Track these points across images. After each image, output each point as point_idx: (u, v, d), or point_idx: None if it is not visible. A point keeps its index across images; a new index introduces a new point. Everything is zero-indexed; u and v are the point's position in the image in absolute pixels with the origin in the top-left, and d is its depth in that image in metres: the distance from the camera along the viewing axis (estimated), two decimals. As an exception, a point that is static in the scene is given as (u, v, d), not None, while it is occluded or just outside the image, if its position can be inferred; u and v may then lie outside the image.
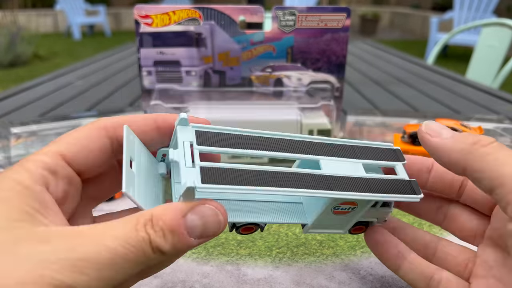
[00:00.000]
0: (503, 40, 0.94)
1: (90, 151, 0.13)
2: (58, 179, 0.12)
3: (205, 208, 0.12)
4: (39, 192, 0.11)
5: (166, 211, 0.11)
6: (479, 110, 0.47)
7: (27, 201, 0.11)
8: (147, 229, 0.10)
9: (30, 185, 0.11)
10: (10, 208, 0.10)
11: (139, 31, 0.28)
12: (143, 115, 0.14)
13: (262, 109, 0.29)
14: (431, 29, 2.65)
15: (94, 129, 0.13)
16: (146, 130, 0.14)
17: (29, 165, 0.11)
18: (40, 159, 0.12)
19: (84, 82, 0.59)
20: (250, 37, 0.28)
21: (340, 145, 0.15)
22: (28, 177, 0.11)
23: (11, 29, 2.77)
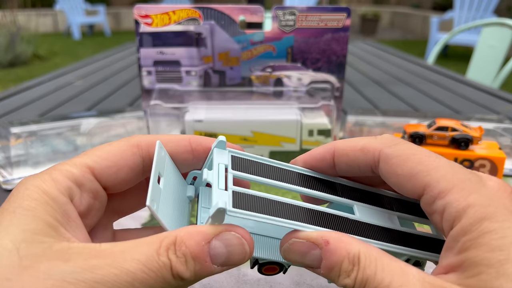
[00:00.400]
0: (504, 40, 0.94)
1: (120, 168, 0.13)
2: (83, 192, 0.12)
3: (231, 236, 0.11)
4: (64, 203, 0.11)
5: (190, 235, 0.11)
6: (480, 110, 0.47)
7: (51, 212, 0.10)
8: (169, 254, 0.10)
9: (55, 196, 0.11)
10: (34, 219, 0.10)
11: (139, 31, 0.27)
12: (178, 136, 0.14)
13: (262, 109, 0.29)
14: (432, 29, 2.65)
15: (127, 146, 0.13)
16: (180, 151, 0.14)
17: (56, 174, 0.11)
18: (68, 170, 0.12)
19: (84, 82, 0.59)
20: (250, 37, 0.28)
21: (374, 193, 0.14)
22: (54, 187, 0.11)
23: (10, 29, 2.77)
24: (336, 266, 0.11)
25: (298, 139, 0.28)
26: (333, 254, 0.11)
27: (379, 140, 0.13)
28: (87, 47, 3.26)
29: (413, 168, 0.11)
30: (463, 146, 0.27)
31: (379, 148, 0.12)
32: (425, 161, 0.11)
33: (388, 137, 0.13)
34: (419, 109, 0.47)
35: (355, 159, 0.13)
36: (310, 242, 0.12)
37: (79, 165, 0.12)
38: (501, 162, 0.26)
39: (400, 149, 0.12)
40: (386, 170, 0.12)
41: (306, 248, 0.12)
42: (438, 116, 0.32)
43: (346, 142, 0.13)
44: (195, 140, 0.14)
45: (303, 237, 0.12)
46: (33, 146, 0.29)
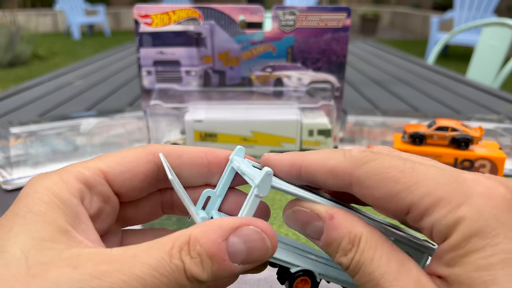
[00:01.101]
0: (504, 40, 0.94)
1: (135, 174, 0.12)
2: (93, 194, 0.12)
3: (250, 230, 0.10)
4: (75, 206, 0.11)
5: (205, 232, 0.10)
6: (480, 110, 0.47)
7: (62, 216, 0.10)
8: (182, 256, 0.09)
9: (66, 199, 0.11)
10: (44, 225, 0.10)
11: (139, 31, 0.27)
12: (194, 148, 0.13)
13: (262, 109, 0.29)
14: (432, 29, 2.65)
15: (142, 153, 0.12)
16: (197, 163, 0.13)
17: (66, 176, 0.11)
18: (79, 171, 0.11)
19: (84, 82, 0.59)
20: (250, 36, 0.28)
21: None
22: (65, 189, 0.11)
23: (10, 29, 2.77)
24: (335, 242, 0.11)
25: (298, 139, 0.28)
26: (335, 229, 0.11)
27: (348, 159, 0.11)
28: (87, 47, 3.26)
29: (391, 189, 0.10)
30: (463, 146, 0.27)
31: (349, 170, 0.11)
32: (402, 178, 0.10)
33: (356, 154, 0.11)
34: (419, 109, 0.47)
35: (324, 180, 0.12)
36: (314, 213, 0.11)
37: (92, 168, 0.12)
38: (501, 162, 0.26)
39: (371, 169, 0.11)
40: (362, 194, 0.11)
41: (309, 218, 0.11)
42: (438, 116, 0.32)
43: (313, 158, 0.12)
44: (212, 153, 0.13)
45: (307, 207, 0.11)
46: (32, 146, 0.29)
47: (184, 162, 0.13)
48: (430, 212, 0.10)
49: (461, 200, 0.09)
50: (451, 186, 0.10)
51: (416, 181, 0.10)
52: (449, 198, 0.10)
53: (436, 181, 0.10)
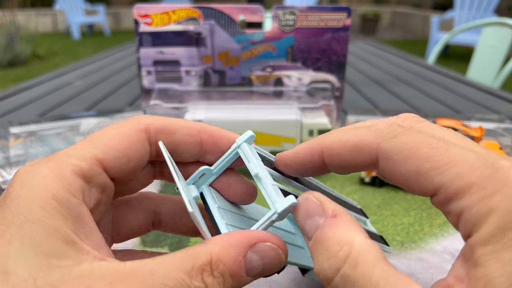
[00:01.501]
0: (504, 39, 0.94)
1: (130, 158, 0.11)
2: (91, 187, 0.11)
3: (267, 247, 0.10)
4: (76, 206, 0.10)
5: (226, 250, 0.10)
6: (480, 110, 0.47)
7: (64, 223, 0.09)
8: (205, 277, 0.09)
9: (66, 200, 0.09)
10: (47, 237, 0.09)
11: (139, 31, 0.27)
12: (187, 123, 0.12)
13: (262, 109, 0.29)
14: (432, 29, 2.65)
15: (135, 131, 0.11)
16: (189, 142, 0.12)
17: (63, 171, 0.10)
18: (75, 164, 0.10)
19: (84, 82, 0.59)
20: (250, 36, 0.28)
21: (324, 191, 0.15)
22: (62, 188, 0.10)
23: (10, 29, 2.77)
24: (325, 243, 0.10)
25: (298, 139, 0.28)
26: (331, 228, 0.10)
27: (374, 132, 0.11)
28: (87, 47, 3.26)
29: (419, 166, 0.09)
30: (463, 146, 0.27)
31: (375, 143, 0.10)
32: (433, 156, 0.09)
33: (384, 127, 0.10)
34: (419, 109, 0.47)
35: (349, 159, 0.11)
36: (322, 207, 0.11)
37: (87, 157, 0.10)
38: (502, 162, 0.26)
39: (401, 143, 0.10)
40: (388, 170, 0.10)
41: (315, 210, 0.11)
42: (439, 116, 0.32)
43: (335, 138, 0.11)
44: (206, 132, 0.12)
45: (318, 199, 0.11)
46: (32, 146, 0.29)
47: (176, 139, 0.12)
48: (460, 196, 0.09)
49: (497, 187, 0.08)
50: (486, 171, 0.09)
51: (448, 161, 0.09)
52: (483, 183, 0.09)
53: (470, 164, 0.09)
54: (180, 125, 0.12)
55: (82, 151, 0.11)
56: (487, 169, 0.09)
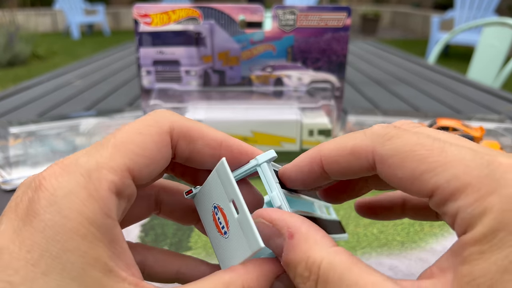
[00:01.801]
0: (505, 39, 0.94)
1: (157, 164, 0.11)
2: (121, 200, 0.10)
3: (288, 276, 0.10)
4: (112, 228, 0.09)
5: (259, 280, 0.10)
6: (481, 109, 0.47)
7: (103, 250, 0.09)
8: None
9: (103, 223, 0.09)
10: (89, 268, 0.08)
11: (139, 31, 0.27)
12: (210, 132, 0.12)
13: (262, 109, 0.29)
14: (432, 28, 2.64)
15: (160, 136, 0.11)
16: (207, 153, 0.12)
17: (99, 190, 0.09)
18: (111, 180, 0.09)
19: (83, 81, 0.59)
20: (250, 36, 0.28)
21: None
22: (99, 210, 0.09)
23: (9, 29, 2.77)
24: (292, 265, 0.10)
25: (298, 139, 0.28)
26: (292, 251, 0.10)
27: (369, 136, 0.10)
28: (86, 47, 3.26)
29: (415, 168, 0.09)
30: (464, 146, 0.27)
31: (371, 147, 0.10)
32: (429, 157, 0.09)
33: (379, 130, 0.10)
34: (420, 108, 0.47)
35: (347, 165, 0.11)
36: (275, 228, 0.10)
37: (119, 169, 0.10)
38: (502, 163, 0.26)
39: (396, 146, 0.10)
40: (385, 173, 0.10)
41: (270, 232, 0.11)
42: (439, 116, 0.32)
43: (332, 145, 0.11)
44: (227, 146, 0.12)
45: (268, 219, 0.11)
46: (32, 146, 0.29)
47: (196, 148, 0.11)
48: (455, 197, 0.09)
49: (492, 188, 0.08)
50: (482, 171, 0.09)
51: (444, 162, 0.09)
52: (478, 184, 0.09)
53: (465, 165, 0.09)
54: (202, 134, 0.12)
55: (113, 161, 0.10)
56: (483, 169, 0.09)
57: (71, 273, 0.08)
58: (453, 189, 0.09)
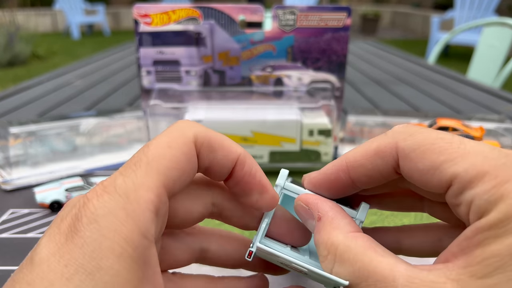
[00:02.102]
0: (505, 39, 0.94)
1: (187, 175, 0.11)
2: (159, 220, 0.10)
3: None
4: (147, 249, 0.09)
5: None
6: (481, 109, 0.47)
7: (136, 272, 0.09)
8: None
9: (139, 244, 0.09)
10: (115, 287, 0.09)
11: (139, 31, 0.27)
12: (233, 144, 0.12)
13: (262, 109, 0.29)
14: (432, 29, 2.64)
15: (189, 146, 0.11)
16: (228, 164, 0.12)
17: (137, 210, 0.09)
18: (148, 200, 0.10)
19: (83, 81, 0.59)
20: (250, 36, 0.28)
21: None
22: (137, 231, 0.09)
23: (9, 29, 2.77)
24: (317, 244, 0.11)
25: (298, 139, 0.28)
26: (318, 232, 0.11)
27: (391, 135, 0.11)
28: (86, 47, 3.26)
29: (435, 159, 0.10)
30: (464, 146, 0.27)
31: (394, 144, 0.11)
32: (448, 149, 0.10)
33: (400, 128, 0.11)
34: (420, 109, 0.47)
35: (373, 167, 0.11)
36: (309, 211, 0.12)
37: (155, 187, 0.10)
38: (502, 163, 0.26)
39: (417, 140, 0.10)
40: (407, 167, 0.10)
41: (306, 213, 0.12)
42: (439, 116, 0.32)
43: (356, 151, 0.12)
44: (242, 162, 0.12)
45: (305, 203, 0.12)
46: (32, 146, 0.29)
47: (216, 159, 0.12)
48: (473, 185, 0.09)
49: (509, 176, 0.09)
50: (499, 161, 0.09)
51: (463, 153, 0.09)
52: (495, 172, 0.09)
53: (483, 155, 0.09)
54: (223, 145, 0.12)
55: (149, 180, 0.10)
56: (501, 158, 0.09)
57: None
58: (471, 177, 0.09)
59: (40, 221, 0.23)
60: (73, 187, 0.24)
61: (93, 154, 0.31)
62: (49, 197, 0.24)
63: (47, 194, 0.24)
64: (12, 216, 0.24)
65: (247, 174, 0.12)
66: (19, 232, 0.22)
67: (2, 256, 0.20)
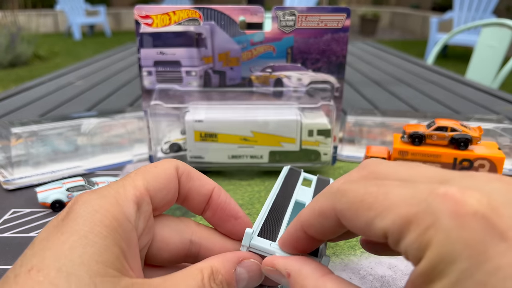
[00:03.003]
0: (503, 40, 0.94)
1: (168, 190, 0.13)
2: (141, 214, 0.12)
3: (251, 263, 0.13)
4: (129, 230, 0.11)
5: (223, 264, 0.13)
6: (479, 110, 0.47)
7: (119, 242, 0.11)
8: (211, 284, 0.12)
9: (123, 223, 0.11)
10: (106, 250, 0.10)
11: (139, 31, 0.28)
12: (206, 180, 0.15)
13: (262, 109, 0.29)
14: (431, 29, 2.65)
15: (171, 169, 0.14)
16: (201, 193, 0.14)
17: (122, 199, 0.12)
18: (133, 194, 0.12)
19: (84, 82, 0.59)
20: (250, 37, 0.28)
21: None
22: (121, 212, 0.11)
23: (11, 29, 2.77)
24: None
25: (298, 139, 0.28)
26: (292, 286, 0.12)
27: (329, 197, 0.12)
28: (88, 48, 3.27)
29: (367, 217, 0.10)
30: (462, 146, 0.27)
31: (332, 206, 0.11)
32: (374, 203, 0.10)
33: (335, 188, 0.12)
34: (418, 109, 0.47)
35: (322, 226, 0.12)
36: (277, 271, 0.13)
37: (139, 188, 0.12)
38: (500, 162, 0.26)
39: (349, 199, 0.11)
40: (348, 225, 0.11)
41: (275, 274, 0.13)
42: (438, 116, 0.32)
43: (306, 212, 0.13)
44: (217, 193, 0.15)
45: (271, 265, 0.13)
46: (33, 146, 0.29)
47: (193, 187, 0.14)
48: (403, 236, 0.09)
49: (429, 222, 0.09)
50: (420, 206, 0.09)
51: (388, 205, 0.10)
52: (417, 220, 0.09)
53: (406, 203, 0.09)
54: (200, 177, 0.14)
55: (135, 182, 0.13)
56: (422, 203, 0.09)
57: (93, 250, 0.10)
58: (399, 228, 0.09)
59: (42, 221, 0.23)
60: (74, 187, 0.25)
61: (94, 154, 0.31)
62: (51, 197, 0.24)
63: (49, 193, 0.24)
64: (13, 216, 0.24)
65: (223, 202, 0.15)
66: (20, 232, 0.22)
67: (4, 256, 0.20)
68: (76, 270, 0.10)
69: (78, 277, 0.09)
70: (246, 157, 0.29)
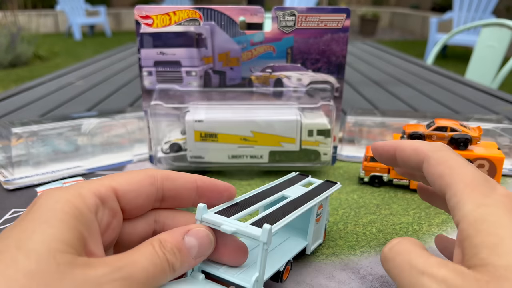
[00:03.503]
0: (502, 40, 0.94)
1: (140, 194, 0.14)
2: (105, 208, 0.13)
3: (199, 230, 0.14)
4: (90, 220, 0.12)
5: (169, 233, 0.14)
6: (479, 110, 0.47)
7: (80, 227, 0.12)
8: (163, 250, 0.13)
9: (84, 212, 0.12)
10: (67, 231, 0.11)
11: (140, 32, 0.28)
12: (186, 174, 0.16)
13: (262, 109, 0.29)
14: (431, 30, 2.65)
15: (145, 176, 0.15)
16: (188, 187, 0.16)
17: (84, 192, 0.13)
18: (95, 188, 0.13)
19: (85, 82, 0.59)
20: (250, 37, 0.28)
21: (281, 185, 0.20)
22: (82, 203, 0.12)
23: (11, 29, 2.77)
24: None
25: (298, 139, 0.28)
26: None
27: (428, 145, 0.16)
28: (88, 48, 3.27)
29: (442, 170, 0.14)
30: (462, 146, 0.27)
31: (427, 151, 0.15)
32: (452, 166, 0.14)
33: (437, 144, 0.16)
34: (418, 109, 0.47)
35: (409, 156, 0.16)
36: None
37: (105, 185, 0.13)
38: (500, 162, 0.26)
39: (439, 155, 0.15)
40: (426, 169, 0.15)
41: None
42: (437, 116, 0.32)
43: (406, 141, 0.17)
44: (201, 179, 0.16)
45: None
46: (34, 146, 0.29)
47: (179, 185, 0.15)
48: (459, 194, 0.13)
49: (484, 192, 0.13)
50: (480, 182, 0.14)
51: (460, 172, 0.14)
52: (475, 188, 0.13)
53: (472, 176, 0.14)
54: (180, 175, 0.16)
55: (103, 180, 0.14)
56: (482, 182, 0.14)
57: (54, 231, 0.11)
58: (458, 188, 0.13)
59: (43, 220, 0.24)
60: (75, 186, 0.25)
61: (95, 154, 0.31)
62: (51, 196, 0.24)
63: (49, 193, 0.24)
64: (14, 216, 0.24)
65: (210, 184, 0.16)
66: (21, 231, 0.22)
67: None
68: (35, 247, 0.10)
69: (37, 252, 0.10)
70: (246, 157, 0.29)
